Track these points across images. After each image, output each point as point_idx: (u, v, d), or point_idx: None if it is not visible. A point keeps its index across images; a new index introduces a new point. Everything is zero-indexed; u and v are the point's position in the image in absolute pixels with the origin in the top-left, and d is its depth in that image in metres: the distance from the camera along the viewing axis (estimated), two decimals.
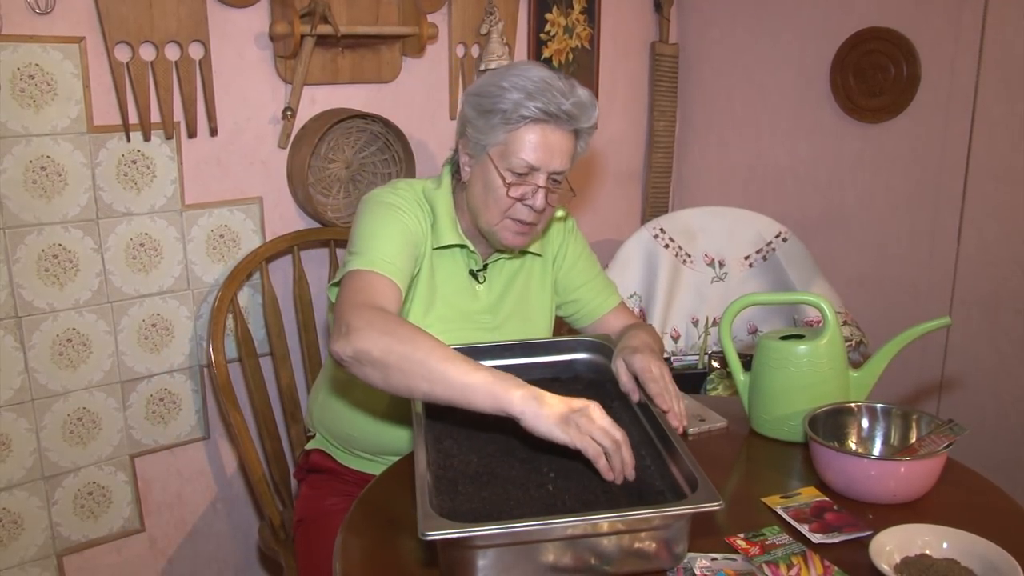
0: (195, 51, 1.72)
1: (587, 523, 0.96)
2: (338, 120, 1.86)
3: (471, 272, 1.48)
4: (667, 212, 2.66)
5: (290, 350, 1.91)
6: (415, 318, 1.41)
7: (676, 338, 2.22)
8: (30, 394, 1.68)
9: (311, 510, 1.55)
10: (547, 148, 1.33)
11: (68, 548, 1.78)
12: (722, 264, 2.26)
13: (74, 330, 1.71)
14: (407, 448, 1.45)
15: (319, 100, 1.94)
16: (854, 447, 1.33)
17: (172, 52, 1.70)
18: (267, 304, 1.88)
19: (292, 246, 1.91)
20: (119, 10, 1.61)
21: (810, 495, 1.21)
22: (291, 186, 1.93)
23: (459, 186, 1.45)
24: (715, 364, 2.12)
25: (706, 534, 1.10)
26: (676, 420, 1.25)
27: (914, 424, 1.31)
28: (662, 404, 1.25)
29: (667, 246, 2.25)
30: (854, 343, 2.12)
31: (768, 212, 2.31)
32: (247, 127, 1.85)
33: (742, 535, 1.10)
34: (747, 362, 1.47)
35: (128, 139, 1.70)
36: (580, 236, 1.61)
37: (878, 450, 1.32)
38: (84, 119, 1.64)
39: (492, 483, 1.09)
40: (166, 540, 1.92)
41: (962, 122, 2.15)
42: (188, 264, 1.83)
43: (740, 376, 1.46)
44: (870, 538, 1.05)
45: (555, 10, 2.34)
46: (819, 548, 1.08)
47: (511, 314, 1.50)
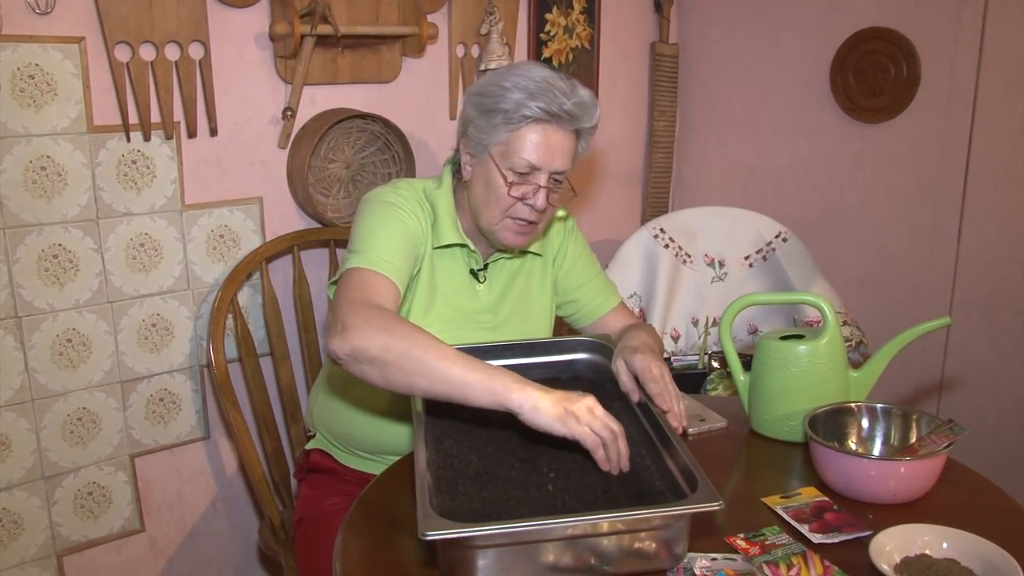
0: (195, 51, 1.72)
1: (587, 523, 0.96)
2: (338, 120, 1.86)
3: (472, 272, 1.48)
4: (667, 212, 2.65)
5: (290, 350, 1.91)
6: (415, 317, 1.41)
7: (676, 338, 2.21)
8: (30, 394, 1.68)
9: (311, 510, 1.55)
10: (548, 148, 1.33)
11: (68, 548, 1.78)
12: (722, 264, 2.26)
13: (74, 330, 1.71)
14: (407, 447, 1.45)
15: (319, 100, 1.94)
16: (854, 447, 1.33)
17: (172, 52, 1.70)
18: (267, 304, 1.88)
19: (292, 246, 1.91)
20: (119, 10, 1.61)
21: (810, 495, 1.21)
22: (291, 186, 1.93)
23: (460, 186, 1.45)
24: (715, 364, 2.12)
25: (706, 534, 1.10)
26: (676, 420, 1.25)
27: (914, 424, 1.31)
28: (662, 404, 1.25)
29: (667, 246, 2.25)
30: (854, 343, 2.12)
31: (768, 212, 2.31)
32: (247, 127, 1.85)
33: (742, 535, 1.10)
34: (747, 362, 1.47)
35: (128, 139, 1.70)
36: (580, 236, 1.61)
37: (878, 450, 1.33)
38: (84, 119, 1.64)
39: (492, 483, 1.09)
40: (166, 540, 1.92)
41: (962, 122, 2.15)
42: (188, 264, 1.83)
43: (740, 376, 1.46)
44: (870, 538, 1.05)
45: (555, 10, 2.34)
46: (819, 548, 1.08)
47: (511, 314, 1.51)
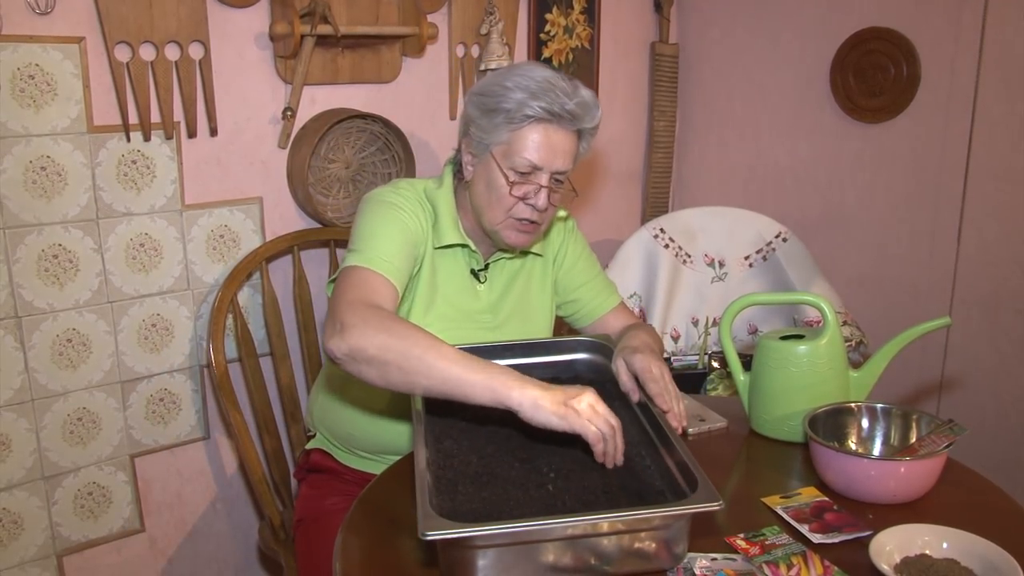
0: (195, 51, 1.72)
1: (587, 523, 0.96)
2: (338, 120, 1.86)
3: (472, 272, 1.48)
4: (667, 212, 2.65)
5: (290, 350, 1.91)
6: (416, 317, 1.41)
7: (676, 338, 2.21)
8: (30, 394, 1.68)
9: (311, 510, 1.55)
10: (550, 148, 1.33)
11: (68, 548, 1.78)
12: (722, 264, 2.26)
13: (74, 330, 1.71)
14: (407, 447, 1.45)
15: (319, 100, 1.94)
16: (854, 447, 1.33)
17: (172, 52, 1.70)
18: (267, 304, 1.88)
19: (292, 246, 1.91)
20: (119, 10, 1.61)
21: (810, 495, 1.21)
22: (291, 186, 1.93)
23: (461, 186, 1.45)
24: (715, 364, 2.12)
25: (706, 534, 1.10)
26: (676, 420, 1.25)
27: (914, 424, 1.31)
28: (662, 404, 1.25)
29: (667, 246, 2.25)
30: (854, 343, 2.12)
31: (768, 212, 2.31)
32: (247, 127, 1.85)
33: (742, 535, 1.10)
34: (747, 362, 1.47)
35: (128, 139, 1.70)
36: (580, 236, 1.61)
37: (878, 450, 1.32)
38: (84, 119, 1.64)
39: (492, 483, 1.09)
40: (166, 540, 1.92)
41: (962, 122, 2.15)
42: (188, 264, 1.83)
43: (740, 376, 1.46)
44: (870, 538, 1.05)
45: (555, 10, 2.34)
46: (819, 548, 1.08)
47: (512, 314, 1.51)
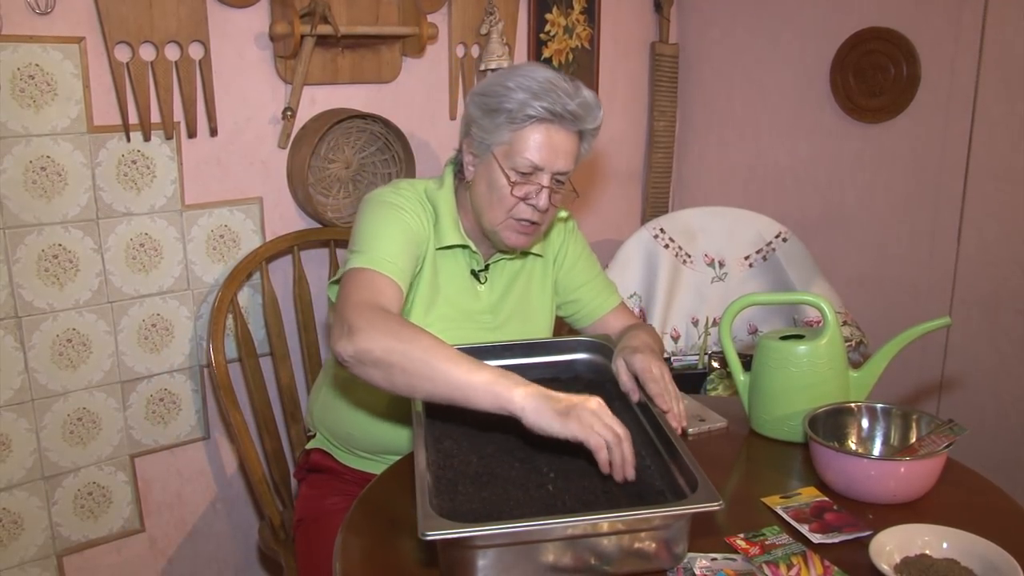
0: (195, 51, 1.72)
1: (587, 523, 0.96)
2: (338, 120, 1.86)
3: (473, 272, 1.48)
4: (667, 212, 2.65)
5: (290, 350, 1.91)
6: (416, 317, 1.41)
7: (676, 338, 2.21)
8: (30, 394, 1.68)
9: (311, 510, 1.55)
10: (551, 148, 1.33)
11: (68, 548, 1.78)
12: (722, 264, 2.26)
13: (74, 330, 1.71)
14: (407, 447, 1.45)
15: (319, 100, 1.94)
16: (854, 447, 1.33)
17: (172, 52, 1.70)
18: (267, 304, 1.88)
19: (292, 246, 1.91)
20: (119, 10, 1.61)
21: (810, 495, 1.21)
22: (291, 186, 1.93)
23: (462, 186, 1.45)
24: (715, 364, 2.12)
25: (706, 534, 1.10)
26: (676, 421, 1.25)
27: (914, 424, 1.31)
28: (662, 404, 1.25)
29: (667, 246, 2.25)
30: (854, 343, 2.12)
31: (768, 212, 2.31)
32: (247, 127, 1.85)
33: (742, 535, 1.10)
34: (747, 362, 1.47)
35: (128, 139, 1.70)
36: (580, 236, 1.61)
37: (878, 450, 1.32)
38: (84, 119, 1.64)
39: (492, 483, 1.09)
40: (166, 540, 1.92)
41: (962, 122, 2.15)
42: (188, 264, 1.83)
43: (740, 376, 1.46)
44: (870, 538, 1.05)
45: (555, 10, 2.34)
46: (819, 548, 1.08)
47: (512, 314, 1.51)
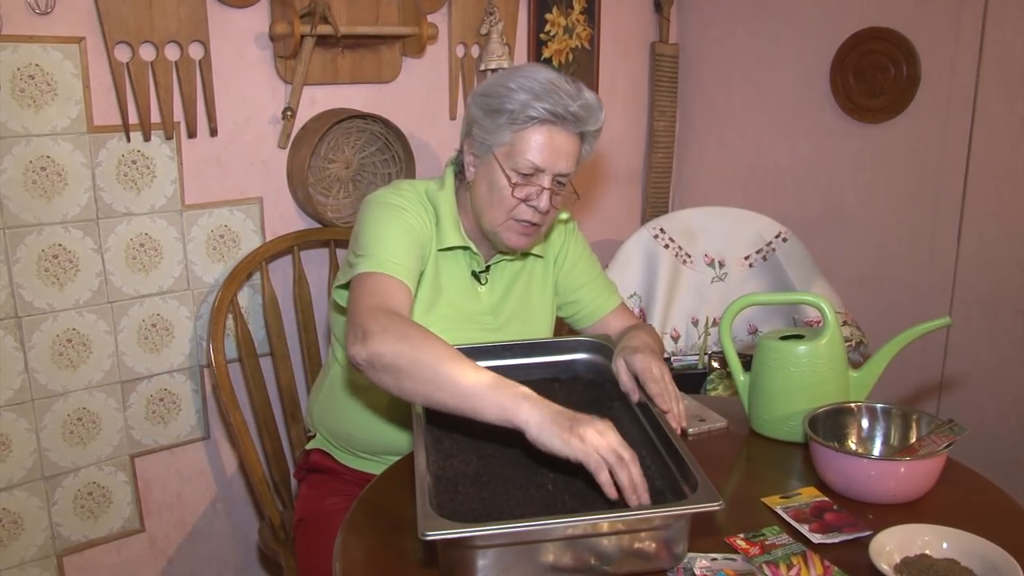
0: (195, 51, 1.72)
1: (587, 523, 0.96)
2: (338, 120, 1.86)
3: (473, 273, 1.48)
4: (667, 212, 2.65)
5: (290, 350, 1.91)
6: (417, 318, 1.40)
7: (676, 338, 2.21)
8: (30, 394, 1.68)
9: (311, 510, 1.55)
10: (553, 149, 1.33)
11: (68, 548, 1.78)
12: (722, 264, 2.26)
13: (74, 330, 1.71)
14: (407, 448, 1.45)
15: (319, 100, 1.94)
16: (854, 447, 1.33)
17: (172, 52, 1.70)
18: (267, 304, 1.88)
19: (292, 246, 1.91)
20: (119, 10, 1.61)
21: (810, 495, 1.21)
22: (291, 186, 1.93)
23: (462, 187, 1.45)
24: (715, 364, 2.12)
25: (706, 534, 1.10)
26: (675, 421, 1.25)
27: (914, 424, 1.31)
28: (662, 404, 1.25)
29: (667, 246, 2.25)
30: (854, 343, 2.12)
31: (768, 212, 2.31)
32: (247, 127, 1.85)
33: (742, 535, 1.10)
34: (747, 362, 1.47)
35: (128, 139, 1.70)
36: (581, 237, 1.61)
37: (878, 450, 1.32)
38: (84, 119, 1.64)
39: (492, 483, 1.09)
40: (166, 540, 1.92)
41: (962, 122, 2.15)
42: (188, 264, 1.83)
43: (740, 376, 1.46)
44: (870, 538, 1.05)
45: (555, 10, 2.34)
46: (819, 548, 1.08)
47: (513, 315, 1.50)
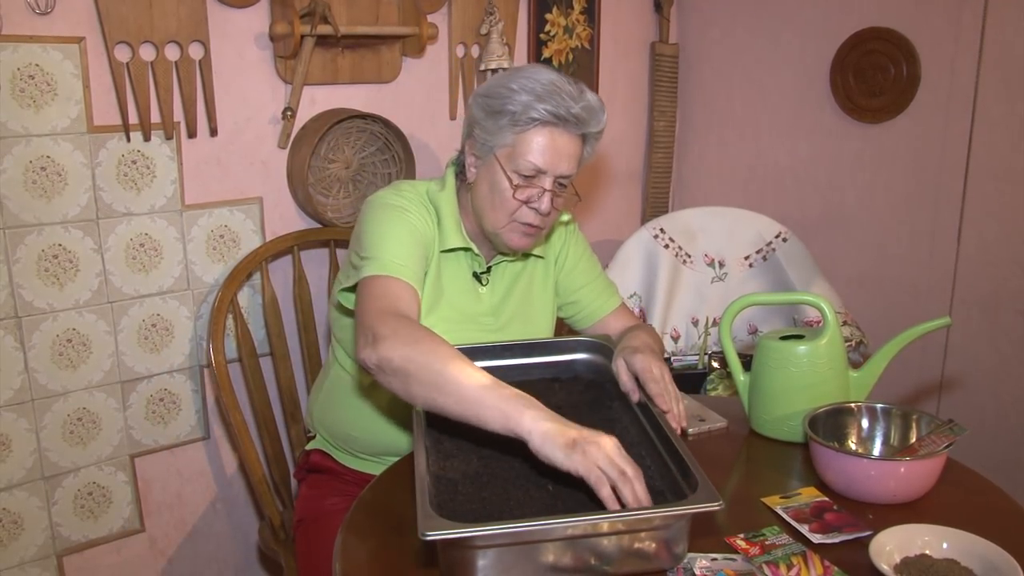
0: (195, 51, 1.72)
1: (587, 523, 0.96)
2: (338, 120, 1.86)
3: (474, 274, 1.48)
4: (667, 212, 2.65)
5: (290, 350, 1.91)
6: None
7: (676, 338, 2.21)
8: (30, 394, 1.68)
9: (311, 510, 1.55)
10: (555, 151, 1.33)
11: (68, 548, 1.78)
12: (722, 264, 2.26)
13: (74, 330, 1.71)
14: (407, 449, 1.45)
15: (319, 100, 1.94)
16: (854, 447, 1.33)
17: (172, 52, 1.70)
18: (267, 304, 1.88)
19: (292, 246, 1.91)
20: (119, 10, 1.61)
21: (810, 495, 1.21)
22: (291, 186, 1.93)
23: (463, 187, 1.45)
24: (715, 364, 2.12)
25: (706, 534, 1.10)
26: (675, 421, 1.25)
27: (914, 424, 1.31)
28: (662, 405, 1.25)
29: (667, 246, 2.25)
30: (854, 343, 2.12)
31: (768, 212, 2.31)
32: (247, 127, 1.85)
33: (742, 535, 1.10)
34: (747, 362, 1.47)
35: (128, 139, 1.70)
36: (581, 238, 1.61)
37: (878, 450, 1.32)
38: (84, 119, 1.64)
39: (492, 483, 1.09)
40: (166, 540, 1.92)
41: (962, 122, 2.15)
42: (188, 264, 1.83)
43: (740, 376, 1.46)
44: (870, 538, 1.05)
45: (555, 10, 2.34)
46: (819, 548, 1.08)
47: (514, 316, 1.50)
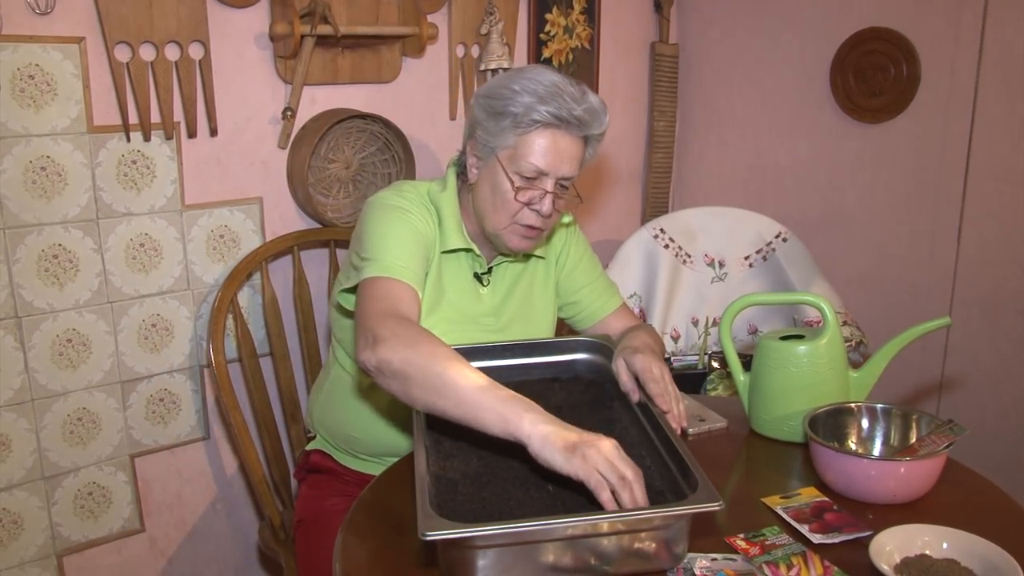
0: (195, 51, 1.72)
1: (587, 523, 0.96)
2: (338, 120, 1.86)
3: (475, 275, 1.48)
4: (667, 212, 2.66)
5: (290, 350, 1.91)
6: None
7: (676, 338, 2.21)
8: (30, 394, 1.68)
9: (311, 510, 1.55)
10: (557, 153, 1.32)
11: (68, 548, 1.78)
12: (722, 264, 2.26)
13: (74, 330, 1.71)
14: (407, 449, 1.45)
15: (319, 100, 1.94)
16: (854, 447, 1.33)
17: (172, 52, 1.70)
18: (267, 304, 1.88)
19: (292, 246, 1.91)
20: (119, 10, 1.61)
21: (810, 495, 1.21)
22: (291, 186, 1.93)
23: (465, 188, 1.45)
24: (715, 364, 2.12)
25: (706, 534, 1.10)
26: (675, 422, 1.25)
27: (914, 424, 1.31)
28: (662, 405, 1.25)
29: (667, 246, 2.25)
30: (854, 343, 2.12)
31: (768, 212, 2.31)
32: (247, 127, 1.85)
33: (742, 535, 1.10)
34: (747, 362, 1.47)
35: (128, 139, 1.70)
36: (582, 238, 1.61)
37: (878, 450, 1.32)
38: (84, 119, 1.64)
39: (492, 483, 1.09)
40: (166, 540, 1.92)
41: (962, 122, 2.15)
42: (188, 264, 1.83)
43: (740, 376, 1.46)
44: (870, 538, 1.05)
45: (555, 10, 2.34)
46: (819, 548, 1.08)
47: (514, 317, 1.50)
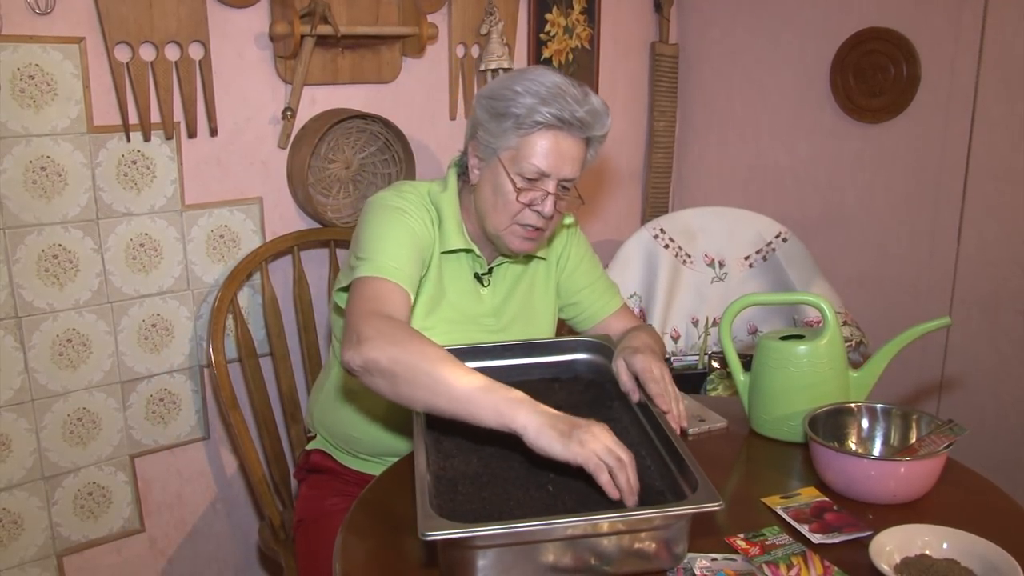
0: (195, 51, 1.72)
1: (587, 523, 0.97)
2: (338, 120, 1.86)
3: (476, 275, 1.48)
4: (667, 212, 2.66)
5: (290, 350, 1.91)
6: (419, 320, 1.40)
7: (676, 338, 2.21)
8: (30, 394, 1.68)
9: (311, 510, 1.55)
10: (559, 155, 1.32)
11: (68, 548, 1.78)
12: (722, 264, 2.26)
13: (74, 330, 1.71)
14: (407, 449, 1.45)
15: (319, 100, 1.94)
16: (854, 447, 1.33)
17: (172, 52, 1.70)
18: (267, 304, 1.88)
19: (292, 246, 1.91)
20: (119, 10, 1.61)
21: (810, 495, 1.21)
22: (291, 186, 1.93)
23: (465, 188, 1.45)
24: (715, 364, 2.12)
25: (706, 534, 1.10)
26: (675, 422, 1.25)
27: (914, 424, 1.31)
28: (662, 405, 1.25)
29: (667, 246, 2.25)
30: (854, 343, 2.12)
31: (768, 212, 2.31)
32: (247, 127, 1.85)
33: (742, 535, 1.10)
34: (747, 362, 1.47)
35: (128, 139, 1.70)
36: (583, 239, 1.61)
37: (878, 450, 1.32)
38: (84, 119, 1.64)
39: (492, 483, 1.09)
40: (166, 540, 1.92)
41: (962, 122, 2.15)
42: (188, 264, 1.83)
43: (740, 376, 1.46)
44: (870, 538, 1.05)
45: (555, 10, 2.34)
46: (819, 548, 1.08)
47: (515, 317, 1.50)
